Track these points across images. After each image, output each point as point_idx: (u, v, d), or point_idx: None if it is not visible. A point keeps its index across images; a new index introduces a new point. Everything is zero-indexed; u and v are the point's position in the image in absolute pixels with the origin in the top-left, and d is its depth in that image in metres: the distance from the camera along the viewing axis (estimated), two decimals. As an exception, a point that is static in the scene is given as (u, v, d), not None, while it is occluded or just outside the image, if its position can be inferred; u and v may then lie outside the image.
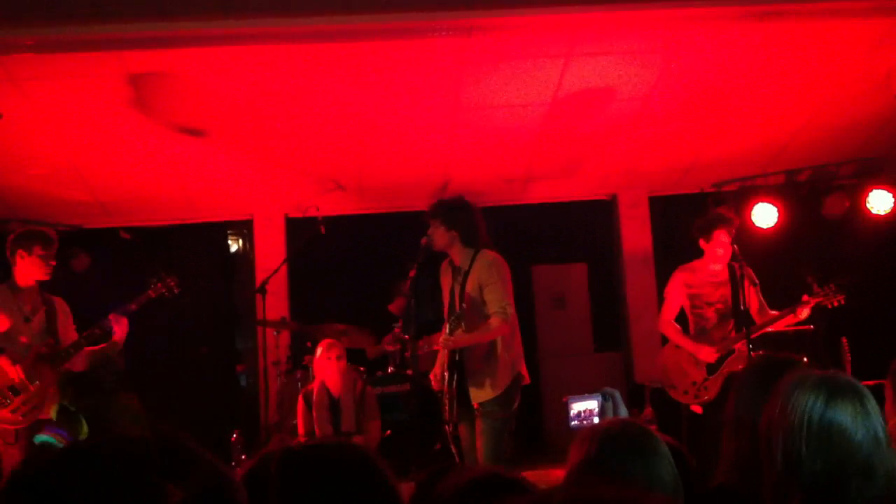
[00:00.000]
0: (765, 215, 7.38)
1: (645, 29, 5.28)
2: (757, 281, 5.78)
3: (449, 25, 5.00)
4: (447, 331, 4.96)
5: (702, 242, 5.78)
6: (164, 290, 5.58)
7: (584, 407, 2.55)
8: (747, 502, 2.03)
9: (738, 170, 7.67)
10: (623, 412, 2.61)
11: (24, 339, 5.25)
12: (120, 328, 5.35)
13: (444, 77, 5.93)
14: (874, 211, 7.34)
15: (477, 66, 5.82)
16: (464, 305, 4.98)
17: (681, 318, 6.02)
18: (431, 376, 5.29)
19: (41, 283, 5.36)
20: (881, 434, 1.96)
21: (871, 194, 7.34)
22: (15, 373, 5.08)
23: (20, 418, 5.04)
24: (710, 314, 5.87)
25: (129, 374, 6.14)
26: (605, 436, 2.08)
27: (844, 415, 1.95)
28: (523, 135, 6.80)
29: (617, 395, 2.55)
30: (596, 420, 2.60)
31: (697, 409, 5.78)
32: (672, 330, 5.96)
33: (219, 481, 1.60)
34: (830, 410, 1.95)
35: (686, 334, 5.92)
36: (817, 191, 7.51)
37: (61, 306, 5.49)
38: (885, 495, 1.91)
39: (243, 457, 6.10)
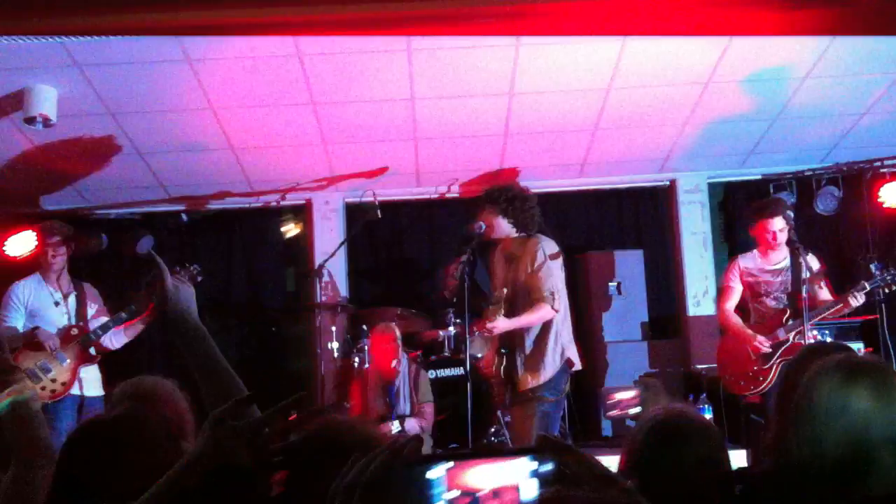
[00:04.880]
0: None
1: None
2: (817, 269, 5.61)
3: (497, 12, 4.96)
4: (488, 315, 4.99)
5: (750, 230, 5.71)
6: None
7: (621, 396, 2.56)
8: (783, 487, 2.03)
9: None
10: (663, 401, 2.60)
11: (55, 322, 5.75)
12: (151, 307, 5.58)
13: (500, 62, 5.92)
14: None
15: (531, 50, 5.80)
16: (504, 290, 4.99)
17: (742, 309, 5.94)
18: (484, 362, 5.31)
19: (71, 269, 5.97)
20: None
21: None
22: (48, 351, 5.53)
23: (47, 395, 5.41)
24: (770, 303, 5.77)
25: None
26: (644, 427, 2.10)
27: (865, 395, 1.93)
28: (580, 119, 6.76)
29: (657, 383, 2.55)
30: (635, 410, 2.60)
31: (755, 398, 5.71)
32: (728, 319, 5.88)
33: None
34: (849, 392, 1.94)
35: (743, 324, 5.82)
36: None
37: (89, 290, 6.00)
38: None
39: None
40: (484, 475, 1.65)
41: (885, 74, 6.19)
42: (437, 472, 1.57)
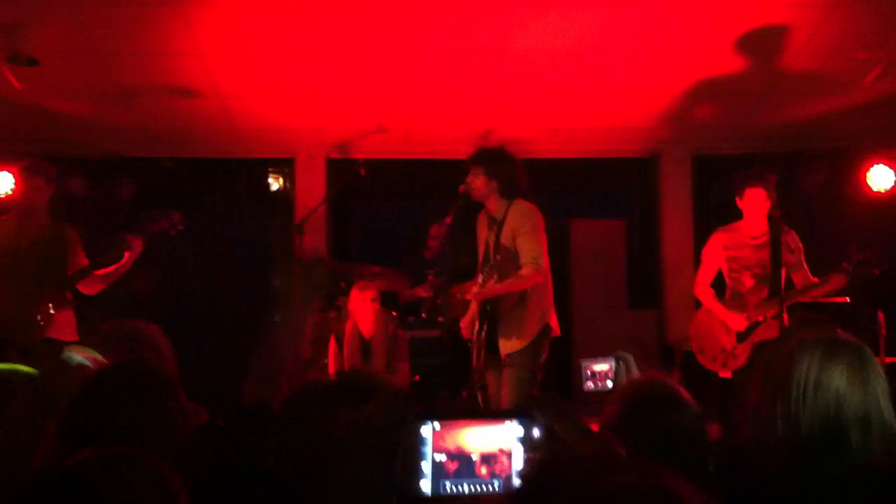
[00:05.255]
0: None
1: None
2: (796, 247, 5.63)
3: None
4: (480, 281, 4.97)
5: (737, 201, 5.71)
6: (167, 226, 5.61)
7: (598, 369, 2.57)
8: (757, 462, 2.06)
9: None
10: (635, 374, 2.62)
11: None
12: (132, 252, 5.47)
13: (492, 21, 5.85)
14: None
15: (527, 10, 5.73)
16: (498, 256, 4.98)
17: (719, 283, 5.95)
18: (462, 324, 5.32)
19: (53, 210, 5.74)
20: (880, 391, 1.98)
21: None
22: None
23: None
24: (747, 279, 5.73)
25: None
26: (623, 396, 2.11)
27: (840, 374, 1.97)
28: (571, 83, 6.71)
29: (630, 358, 2.56)
30: (609, 383, 2.63)
31: (726, 374, 5.73)
32: (705, 294, 5.86)
33: None
34: (826, 371, 1.97)
35: (720, 299, 5.80)
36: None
37: (69, 233, 5.75)
38: (882, 449, 1.94)
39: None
40: (472, 438, 1.65)
41: (879, 52, 6.17)
42: (426, 431, 1.56)
